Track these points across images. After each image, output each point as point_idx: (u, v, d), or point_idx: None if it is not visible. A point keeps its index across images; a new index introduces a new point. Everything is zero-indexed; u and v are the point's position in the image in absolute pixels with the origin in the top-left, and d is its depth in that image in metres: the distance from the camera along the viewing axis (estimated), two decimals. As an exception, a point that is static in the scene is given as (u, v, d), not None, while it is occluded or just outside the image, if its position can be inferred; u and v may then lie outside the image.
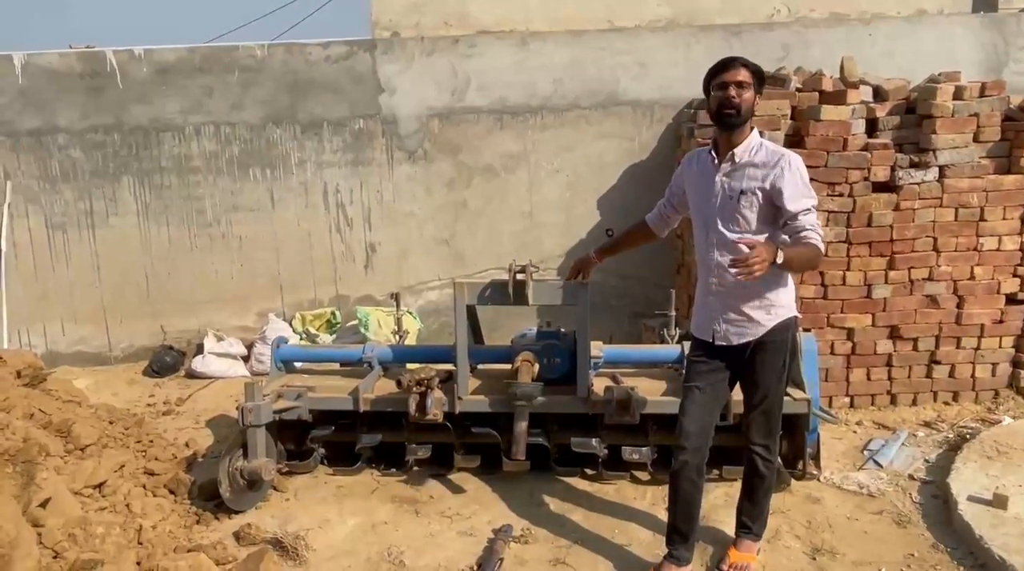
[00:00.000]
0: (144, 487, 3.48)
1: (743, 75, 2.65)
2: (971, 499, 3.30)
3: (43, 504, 2.84)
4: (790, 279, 2.86)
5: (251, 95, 5.65)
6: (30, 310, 5.84)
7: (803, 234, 2.62)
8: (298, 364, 4.34)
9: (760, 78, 2.71)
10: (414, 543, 3.30)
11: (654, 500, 3.57)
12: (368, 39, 5.71)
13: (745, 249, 2.50)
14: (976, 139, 4.34)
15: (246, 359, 5.71)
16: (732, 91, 2.64)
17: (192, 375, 5.58)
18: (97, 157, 5.71)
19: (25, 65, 5.59)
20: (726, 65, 2.69)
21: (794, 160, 2.69)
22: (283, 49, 5.65)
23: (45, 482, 2.90)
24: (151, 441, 3.93)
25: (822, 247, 2.66)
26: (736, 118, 2.67)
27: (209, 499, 3.58)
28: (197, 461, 4.04)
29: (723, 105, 2.67)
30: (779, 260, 2.50)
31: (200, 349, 5.66)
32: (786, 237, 2.69)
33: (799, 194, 2.64)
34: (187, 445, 4.15)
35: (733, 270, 2.49)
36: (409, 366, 4.10)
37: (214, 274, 5.87)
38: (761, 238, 2.69)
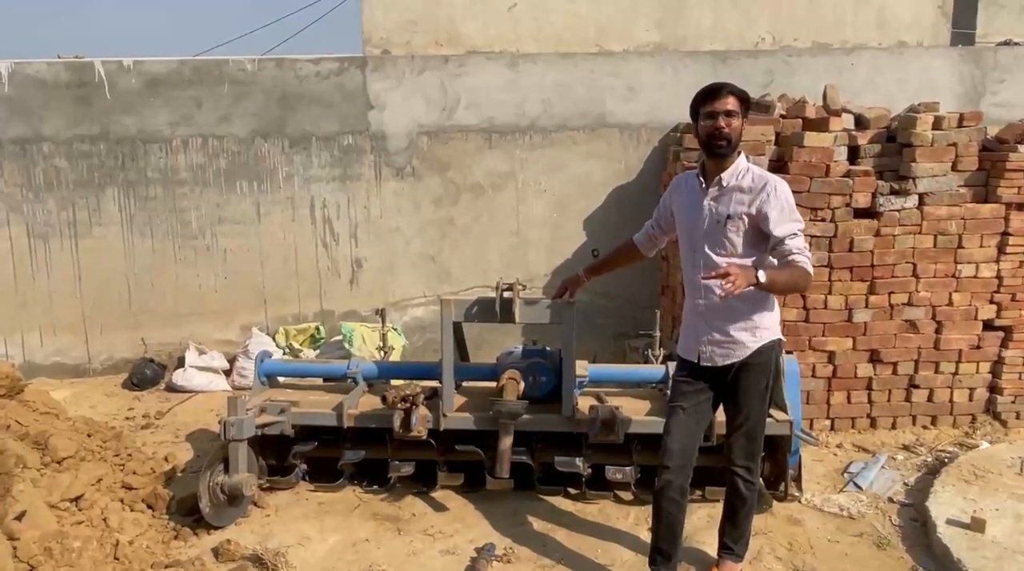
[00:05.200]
0: (122, 501, 3.43)
1: (731, 103, 2.68)
2: (950, 522, 3.34)
3: (18, 517, 2.79)
4: (775, 302, 2.90)
5: (240, 108, 5.66)
6: (8, 320, 5.76)
7: (791, 258, 2.65)
8: (281, 379, 4.31)
9: (747, 103, 2.75)
10: (395, 561, 3.28)
11: (637, 520, 3.58)
12: (359, 56, 5.75)
13: (721, 272, 2.53)
14: (954, 168, 4.43)
15: (228, 373, 5.66)
16: (722, 122, 2.67)
17: (173, 388, 5.51)
18: (82, 167, 5.67)
19: (12, 73, 5.56)
20: (714, 93, 2.69)
21: (780, 185, 2.73)
22: (274, 64, 5.67)
23: (21, 494, 2.85)
24: (129, 455, 3.87)
25: (810, 269, 2.68)
26: (727, 148, 2.71)
27: (188, 514, 3.53)
28: (176, 476, 3.99)
29: (713, 136, 2.69)
30: (762, 278, 2.53)
31: (181, 362, 5.60)
32: (774, 261, 2.72)
33: (785, 218, 2.68)
34: (166, 459, 4.09)
35: (715, 287, 2.51)
36: (394, 382, 4.09)
37: (197, 287, 5.83)
38: (747, 261, 2.73)
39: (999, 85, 5.76)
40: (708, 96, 2.70)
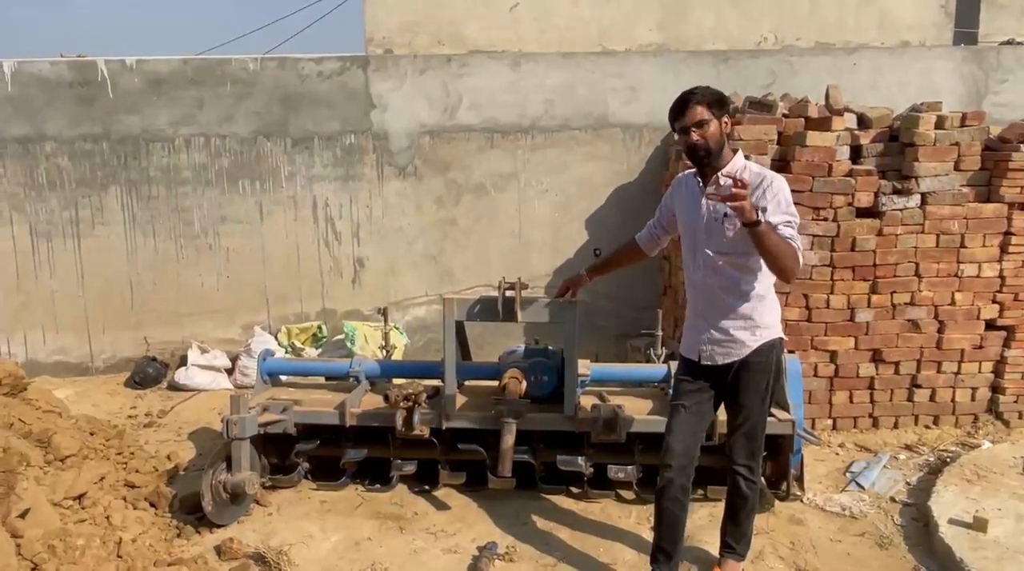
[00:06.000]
0: (125, 499, 3.43)
1: (699, 113, 2.66)
2: (952, 522, 3.34)
3: (22, 515, 2.80)
4: (776, 301, 2.90)
5: (243, 108, 5.66)
6: (11, 318, 5.77)
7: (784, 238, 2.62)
8: (284, 377, 4.32)
9: (720, 102, 2.72)
10: (398, 560, 3.28)
11: (639, 519, 3.58)
12: (361, 55, 5.76)
13: (735, 183, 2.48)
14: (957, 168, 4.43)
15: (230, 372, 5.67)
16: (694, 136, 2.67)
17: (175, 387, 5.52)
18: (85, 166, 5.68)
19: (15, 72, 5.57)
20: (682, 106, 2.69)
21: (776, 181, 2.73)
22: (276, 63, 5.68)
23: (25, 492, 2.85)
24: (132, 453, 3.88)
25: (800, 257, 2.65)
26: (708, 157, 2.71)
27: (191, 512, 3.54)
28: (179, 474, 4.00)
29: (691, 150, 2.71)
30: (762, 218, 2.50)
31: (184, 361, 5.61)
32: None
33: (780, 210, 2.67)
34: (169, 458, 4.10)
35: (722, 190, 2.46)
36: (396, 381, 4.09)
37: (200, 286, 5.84)
38: (746, 260, 2.73)
39: (1001, 85, 5.75)
40: (677, 112, 2.71)
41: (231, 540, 3.29)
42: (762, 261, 2.74)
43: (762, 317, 2.81)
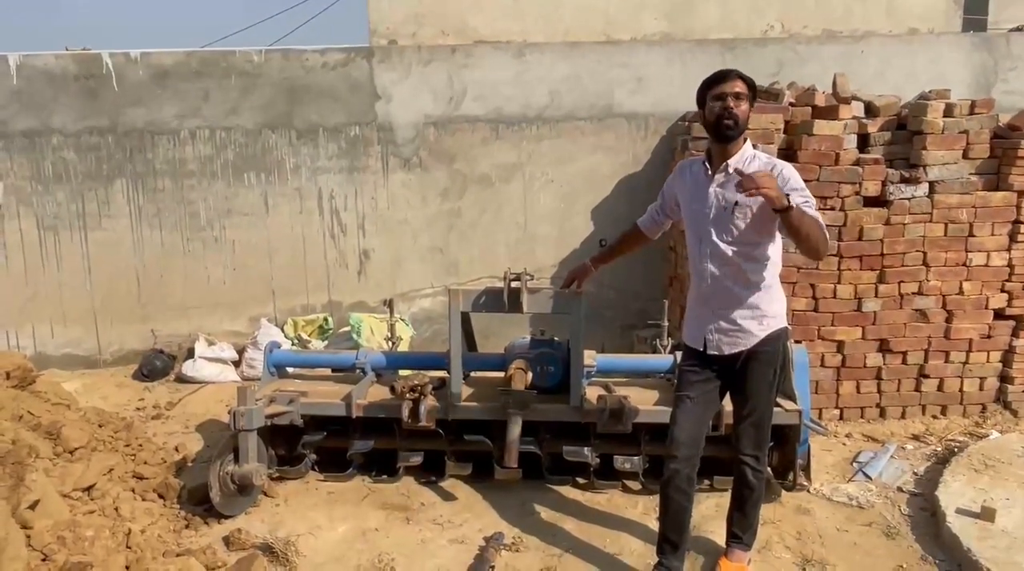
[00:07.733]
0: (133, 491, 3.45)
1: (740, 86, 2.66)
2: (959, 512, 3.33)
3: (32, 506, 2.81)
4: (781, 290, 2.89)
5: (248, 100, 5.66)
6: (19, 311, 5.80)
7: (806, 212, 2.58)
8: (290, 369, 4.33)
9: (754, 90, 2.73)
10: (405, 550, 3.29)
11: (645, 510, 3.58)
12: (366, 47, 5.74)
13: (761, 177, 2.43)
14: (966, 156, 4.40)
15: (237, 364, 5.69)
16: (731, 102, 2.65)
17: (182, 379, 5.54)
18: (91, 159, 5.69)
19: (20, 66, 5.58)
20: (723, 77, 2.69)
21: (787, 169, 2.71)
22: (280, 55, 5.67)
23: (34, 484, 2.87)
24: (140, 445, 3.90)
25: (826, 233, 2.62)
26: (734, 130, 2.69)
27: (199, 504, 3.55)
28: (187, 466, 4.02)
29: (722, 116, 2.67)
30: (793, 202, 2.46)
31: (191, 353, 5.63)
32: (779, 250, 2.70)
33: (797, 193, 2.63)
34: (177, 449, 4.12)
35: (743, 185, 2.42)
36: (402, 373, 4.10)
37: (206, 278, 5.85)
38: (754, 250, 2.72)
39: (1011, 72, 5.70)
40: (717, 80, 2.70)
41: (239, 531, 3.31)
42: (770, 250, 2.74)
43: (769, 306, 2.80)
